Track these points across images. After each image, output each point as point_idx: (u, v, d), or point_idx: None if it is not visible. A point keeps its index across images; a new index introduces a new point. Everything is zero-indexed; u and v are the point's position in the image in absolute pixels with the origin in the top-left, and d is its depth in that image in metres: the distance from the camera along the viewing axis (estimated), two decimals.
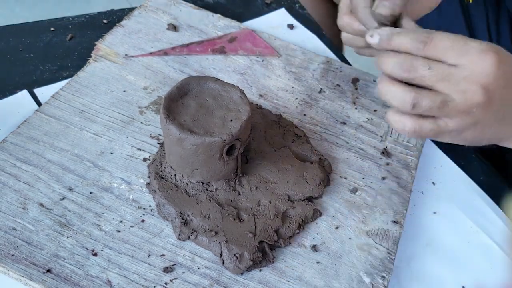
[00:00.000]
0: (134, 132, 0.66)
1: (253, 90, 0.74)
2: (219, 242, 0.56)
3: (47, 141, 0.63)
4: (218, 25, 0.82)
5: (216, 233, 0.56)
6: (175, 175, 0.60)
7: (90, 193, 0.59)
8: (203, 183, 0.60)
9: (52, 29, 0.79)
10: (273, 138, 0.66)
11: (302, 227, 0.59)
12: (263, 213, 0.59)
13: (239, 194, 0.60)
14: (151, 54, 0.76)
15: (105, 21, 0.81)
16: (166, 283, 0.53)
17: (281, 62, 0.78)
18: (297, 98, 0.74)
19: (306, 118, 0.72)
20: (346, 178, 0.65)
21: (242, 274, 0.55)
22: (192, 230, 0.57)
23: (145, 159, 0.63)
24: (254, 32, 0.82)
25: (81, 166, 0.62)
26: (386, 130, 0.72)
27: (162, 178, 0.60)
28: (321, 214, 0.61)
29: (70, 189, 0.59)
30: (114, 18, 0.82)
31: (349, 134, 0.71)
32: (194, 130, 0.56)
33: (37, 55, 0.75)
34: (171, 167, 0.60)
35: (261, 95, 0.73)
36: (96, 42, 0.76)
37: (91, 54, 0.74)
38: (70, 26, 0.80)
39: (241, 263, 0.55)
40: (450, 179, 0.69)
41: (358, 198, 0.64)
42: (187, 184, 0.60)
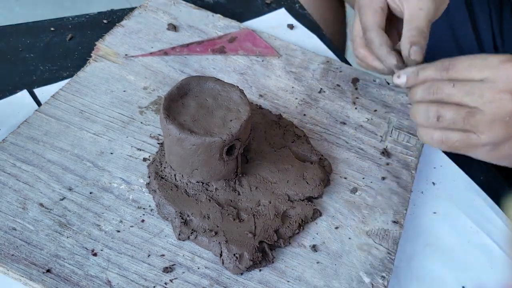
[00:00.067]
0: (134, 132, 0.66)
1: (253, 90, 0.74)
2: (219, 242, 0.56)
3: (47, 141, 0.63)
4: (218, 25, 0.82)
5: (216, 233, 0.56)
6: (175, 175, 0.60)
7: (90, 193, 0.59)
8: (203, 183, 0.60)
9: (52, 29, 0.79)
10: (273, 138, 0.66)
11: (302, 227, 0.59)
12: (263, 213, 0.59)
13: (239, 194, 0.60)
14: (151, 54, 0.76)
15: (105, 21, 0.81)
16: (166, 283, 0.53)
17: (281, 62, 0.78)
18: (297, 98, 0.74)
19: (306, 118, 0.71)
20: (346, 178, 0.65)
21: (242, 274, 0.55)
22: (192, 230, 0.57)
23: (145, 159, 0.63)
24: (254, 32, 0.82)
25: (81, 166, 0.62)
26: (386, 130, 0.72)
27: (162, 178, 0.60)
28: (321, 214, 0.61)
29: (70, 189, 0.59)
30: (114, 18, 0.82)
31: (349, 134, 0.71)
32: (194, 130, 0.56)
33: (37, 55, 0.75)
34: (171, 167, 0.60)
35: (261, 95, 0.73)
36: (96, 42, 0.76)
37: (91, 54, 0.74)
38: (70, 26, 0.80)
39: (241, 263, 0.54)
40: (450, 179, 0.69)
41: (358, 198, 0.64)
42: (187, 184, 0.60)
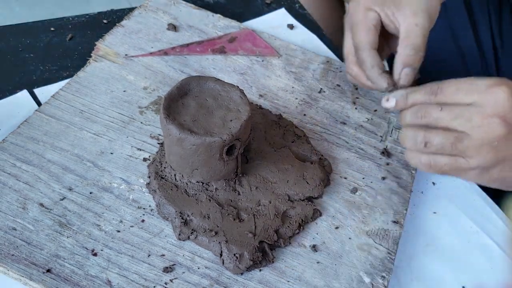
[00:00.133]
0: (134, 132, 0.66)
1: (253, 90, 0.74)
2: (219, 242, 0.56)
3: (47, 141, 0.63)
4: (218, 25, 0.82)
5: (216, 233, 0.56)
6: (175, 175, 0.60)
7: (90, 193, 0.59)
8: (203, 183, 0.60)
9: (52, 29, 0.79)
10: (273, 138, 0.66)
11: (302, 227, 0.59)
12: (263, 213, 0.59)
13: (239, 194, 0.60)
14: (151, 54, 0.76)
15: (105, 21, 0.81)
16: (166, 283, 0.53)
17: (281, 62, 0.78)
18: (297, 98, 0.74)
19: (306, 118, 0.71)
20: (346, 178, 0.65)
21: (242, 274, 0.55)
22: (192, 230, 0.57)
23: (145, 159, 0.63)
24: (254, 32, 0.82)
25: (81, 166, 0.62)
26: (386, 130, 0.72)
27: (162, 178, 0.60)
28: (321, 214, 0.61)
29: (70, 189, 0.59)
30: (114, 18, 0.82)
31: (349, 134, 0.71)
32: (194, 130, 0.56)
33: (37, 55, 0.75)
34: (171, 167, 0.60)
35: (261, 95, 0.73)
36: (96, 42, 0.76)
37: (91, 54, 0.74)
38: (70, 26, 0.80)
39: (241, 263, 0.54)
40: (450, 179, 0.69)
41: (358, 198, 0.64)
42: (187, 184, 0.60)
